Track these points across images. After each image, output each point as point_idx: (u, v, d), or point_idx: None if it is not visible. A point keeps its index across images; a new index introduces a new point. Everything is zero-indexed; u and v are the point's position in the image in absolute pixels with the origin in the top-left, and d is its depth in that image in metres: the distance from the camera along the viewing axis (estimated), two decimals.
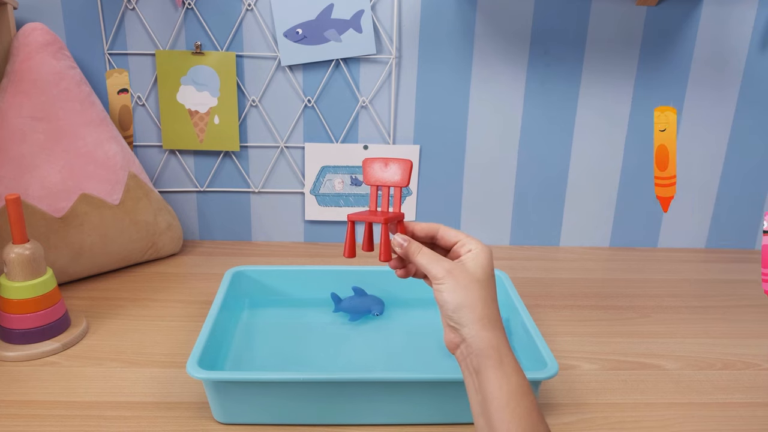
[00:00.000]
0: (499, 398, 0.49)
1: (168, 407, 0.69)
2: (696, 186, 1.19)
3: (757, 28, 1.09)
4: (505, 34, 1.08)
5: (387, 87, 1.10)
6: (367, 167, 0.59)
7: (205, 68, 1.06)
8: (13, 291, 0.77)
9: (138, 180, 1.02)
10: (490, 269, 0.55)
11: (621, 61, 1.10)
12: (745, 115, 1.14)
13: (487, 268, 0.54)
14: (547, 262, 1.14)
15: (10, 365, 0.76)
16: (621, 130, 1.15)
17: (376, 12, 1.06)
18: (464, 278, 0.52)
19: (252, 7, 1.05)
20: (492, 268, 0.55)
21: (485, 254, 0.55)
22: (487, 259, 0.55)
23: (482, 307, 0.52)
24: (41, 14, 1.03)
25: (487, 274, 0.54)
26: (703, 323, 0.92)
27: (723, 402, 0.73)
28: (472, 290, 0.52)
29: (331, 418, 0.67)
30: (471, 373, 0.52)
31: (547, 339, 0.84)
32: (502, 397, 0.49)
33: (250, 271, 0.90)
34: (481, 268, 0.54)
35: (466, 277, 0.53)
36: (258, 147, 1.13)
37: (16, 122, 0.91)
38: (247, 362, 0.77)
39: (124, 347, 0.81)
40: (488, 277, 0.54)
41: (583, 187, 1.18)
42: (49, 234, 0.92)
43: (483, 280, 0.53)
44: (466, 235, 0.57)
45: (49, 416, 0.67)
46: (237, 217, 1.17)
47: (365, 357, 0.80)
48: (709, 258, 1.19)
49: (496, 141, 1.15)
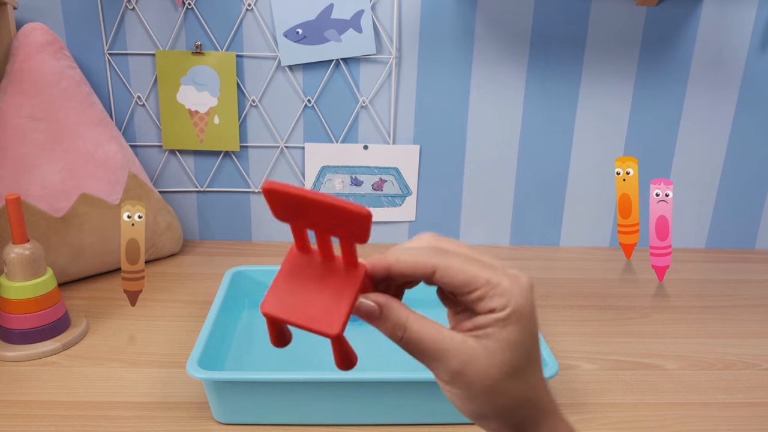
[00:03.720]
0: None
1: (168, 407, 0.69)
2: (696, 186, 1.19)
3: (757, 28, 1.09)
4: (505, 34, 1.08)
5: (387, 87, 1.10)
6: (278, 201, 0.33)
7: (205, 68, 1.06)
8: (13, 291, 0.77)
9: (138, 180, 1.02)
10: (530, 340, 0.34)
11: (621, 61, 1.10)
12: (745, 115, 1.14)
13: (524, 343, 0.33)
14: (547, 262, 1.14)
15: (10, 365, 0.76)
16: (621, 130, 1.15)
17: (376, 12, 1.06)
18: (485, 378, 0.33)
19: (252, 7, 1.05)
20: (534, 334, 0.35)
21: (519, 316, 0.33)
22: (525, 324, 0.33)
23: (519, 410, 0.35)
24: (41, 14, 1.03)
25: (524, 353, 0.34)
26: (703, 323, 0.92)
27: (723, 402, 0.73)
28: (500, 394, 0.34)
29: (330, 418, 0.67)
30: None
31: (547, 339, 0.84)
32: None
33: (250, 271, 0.90)
34: (517, 347, 0.33)
35: (488, 375, 0.33)
36: (258, 147, 1.13)
37: (16, 122, 0.91)
38: (247, 362, 0.77)
39: (124, 347, 0.81)
40: (526, 358, 0.34)
41: (583, 187, 1.18)
42: (49, 234, 0.92)
43: (519, 368, 0.34)
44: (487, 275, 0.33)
45: (49, 416, 0.67)
46: (237, 217, 1.17)
47: (365, 357, 0.79)
48: (709, 258, 1.19)
49: (496, 141, 1.15)
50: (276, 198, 0.32)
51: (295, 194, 0.31)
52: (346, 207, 0.31)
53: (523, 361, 0.34)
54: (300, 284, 0.35)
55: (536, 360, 0.35)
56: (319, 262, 0.35)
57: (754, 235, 1.23)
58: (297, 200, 0.32)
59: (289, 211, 0.33)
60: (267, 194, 0.32)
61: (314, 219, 0.33)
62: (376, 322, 0.35)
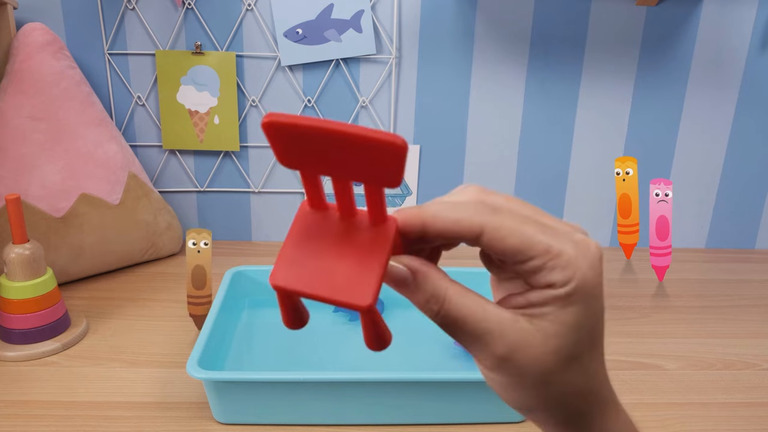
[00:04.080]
0: None
1: (168, 407, 0.69)
2: (696, 186, 1.19)
3: (757, 28, 1.09)
4: (505, 34, 1.08)
5: (387, 87, 1.10)
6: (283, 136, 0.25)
7: (205, 68, 1.06)
8: (13, 291, 0.77)
9: (138, 180, 1.02)
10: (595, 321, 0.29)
11: (621, 61, 1.10)
12: (745, 115, 1.14)
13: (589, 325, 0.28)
14: None
15: (10, 365, 0.76)
16: (621, 130, 1.15)
17: (376, 12, 1.06)
18: (537, 365, 0.28)
19: (252, 7, 1.05)
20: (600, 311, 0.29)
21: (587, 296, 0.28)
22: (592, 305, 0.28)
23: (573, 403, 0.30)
24: (41, 14, 1.03)
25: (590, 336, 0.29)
26: (703, 323, 0.92)
27: (723, 402, 0.73)
28: (554, 385, 0.29)
29: (331, 418, 0.67)
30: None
31: None
32: None
33: (250, 271, 0.90)
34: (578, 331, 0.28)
35: (541, 362, 0.28)
36: (258, 147, 1.13)
37: (16, 122, 0.91)
38: (247, 362, 0.77)
39: (124, 347, 0.81)
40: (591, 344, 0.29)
41: (583, 187, 1.18)
42: (49, 234, 0.92)
43: (578, 355, 0.28)
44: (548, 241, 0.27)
45: (49, 416, 0.67)
46: (237, 217, 1.17)
47: (365, 357, 0.80)
48: (709, 258, 1.19)
49: (496, 141, 1.15)
50: (280, 134, 0.25)
51: (305, 125, 0.24)
52: (374, 136, 0.24)
53: (584, 347, 0.28)
54: (316, 248, 0.27)
55: (599, 345, 0.30)
56: (337, 219, 0.28)
57: (754, 235, 1.23)
58: (308, 133, 0.24)
59: (298, 152, 0.25)
60: (268, 129, 0.25)
61: (330, 159, 0.25)
62: (408, 291, 0.29)
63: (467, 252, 0.51)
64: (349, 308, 0.27)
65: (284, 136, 0.25)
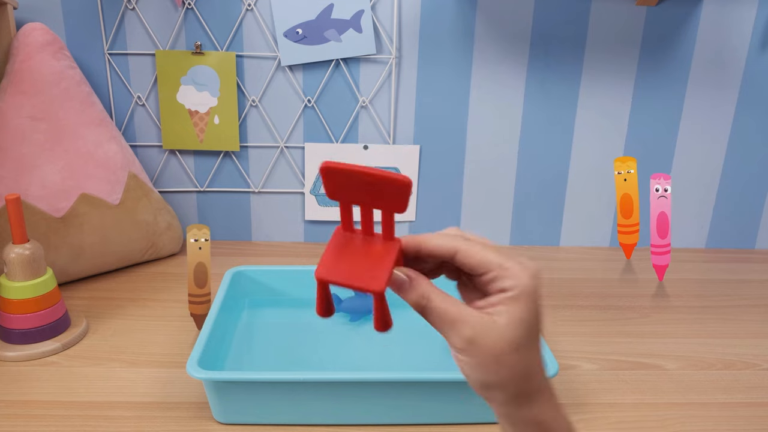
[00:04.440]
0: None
1: (168, 407, 0.69)
2: (696, 186, 1.19)
3: (757, 28, 1.09)
4: (505, 34, 1.08)
5: (387, 87, 1.10)
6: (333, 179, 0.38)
7: (205, 68, 1.06)
8: (13, 291, 0.77)
9: (138, 180, 1.02)
10: (534, 320, 0.38)
11: (621, 62, 1.10)
12: (745, 115, 1.14)
13: (529, 320, 0.38)
14: (547, 262, 1.14)
15: (10, 365, 0.76)
16: (621, 130, 1.15)
17: (376, 12, 1.06)
18: (494, 347, 0.37)
19: (252, 7, 1.05)
20: (538, 315, 0.39)
21: (527, 296, 0.38)
22: (531, 304, 0.38)
23: (520, 382, 0.38)
24: (41, 14, 1.03)
25: (529, 329, 0.38)
26: (703, 323, 0.92)
27: (723, 402, 0.73)
28: (506, 365, 0.38)
29: (331, 418, 0.67)
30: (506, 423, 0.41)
31: (547, 339, 0.84)
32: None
33: (250, 271, 0.90)
34: (521, 323, 0.37)
35: (497, 345, 0.37)
36: (258, 147, 1.13)
37: (16, 122, 0.91)
38: (247, 362, 0.77)
39: (124, 347, 0.81)
40: (530, 336, 0.38)
41: (583, 187, 1.18)
42: (49, 234, 0.92)
43: (523, 343, 0.37)
44: (501, 259, 0.38)
45: (49, 416, 0.67)
46: (237, 217, 1.17)
47: (365, 357, 0.80)
48: (709, 258, 1.19)
49: (496, 141, 1.15)
50: (333, 176, 0.37)
51: (348, 170, 0.36)
52: (389, 176, 0.36)
53: (527, 338, 0.38)
54: (346, 255, 0.39)
55: (538, 339, 0.39)
56: (361, 238, 0.40)
57: (754, 235, 1.23)
58: (349, 175, 0.37)
59: (341, 188, 0.38)
60: (326, 173, 0.37)
61: (361, 192, 0.37)
62: (405, 292, 0.40)
63: None
64: (367, 292, 0.38)
65: (335, 177, 0.37)
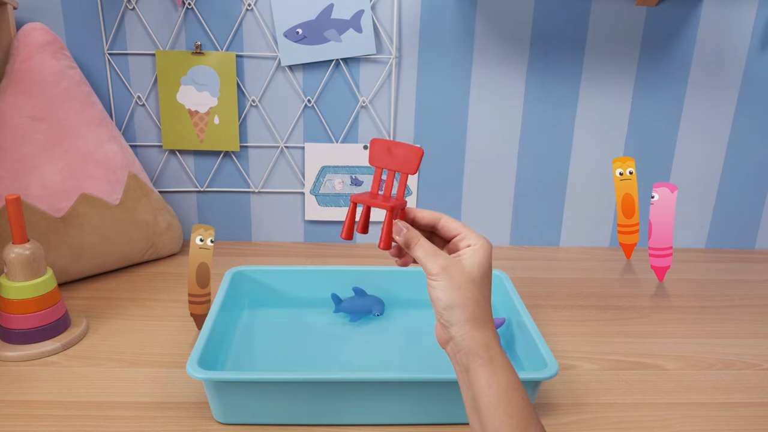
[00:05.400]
0: (489, 396, 0.50)
1: (168, 407, 0.69)
2: (696, 186, 1.19)
3: (757, 28, 1.09)
4: (505, 34, 1.08)
5: (387, 87, 1.10)
6: (375, 148, 0.58)
7: (205, 68, 1.06)
8: (13, 291, 0.77)
9: (138, 180, 1.02)
10: (487, 267, 0.54)
11: (621, 62, 1.10)
12: (745, 115, 1.14)
13: (483, 266, 0.53)
14: (547, 262, 1.14)
15: (10, 365, 0.76)
16: (621, 130, 1.15)
17: (376, 12, 1.06)
18: (459, 277, 0.52)
19: (252, 7, 1.05)
20: (490, 266, 0.54)
21: (484, 251, 0.54)
22: (486, 257, 0.54)
23: (474, 307, 0.52)
24: (41, 14, 1.03)
25: (483, 272, 0.53)
26: (703, 323, 0.92)
27: (723, 402, 0.73)
28: (466, 290, 0.52)
29: (331, 418, 0.67)
30: (461, 370, 0.52)
31: (547, 339, 0.84)
32: (492, 395, 0.50)
33: (250, 271, 0.90)
34: (478, 266, 0.53)
35: (462, 276, 0.52)
36: (258, 147, 1.13)
37: (16, 122, 0.91)
38: (247, 362, 0.77)
39: (124, 347, 0.81)
40: (484, 276, 0.53)
41: (583, 187, 1.18)
42: (49, 234, 0.92)
43: (478, 279, 0.53)
44: (468, 229, 0.56)
45: (49, 416, 0.67)
46: (237, 217, 1.17)
47: (365, 357, 0.80)
48: (709, 258, 1.19)
49: (496, 141, 1.15)
50: (377, 145, 0.58)
51: (384, 141, 0.58)
52: (408, 144, 0.57)
53: (480, 277, 0.53)
54: (372, 197, 0.58)
55: (487, 283, 0.54)
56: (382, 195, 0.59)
57: (754, 235, 1.23)
58: (385, 145, 0.58)
59: (379, 155, 0.58)
60: (373, 143, 0.59)
61: (392, 157, 0.58)
62: (401, 236, 0.56)
63: None
64: (383, 209, 0.56)
65: (378, 146, 0.58)
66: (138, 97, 1.09)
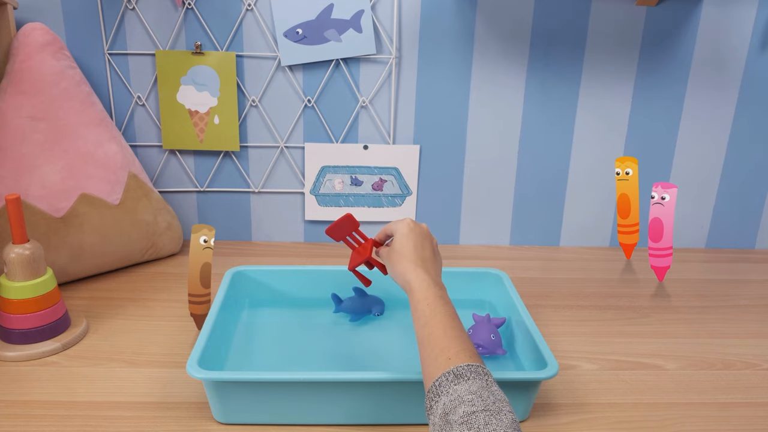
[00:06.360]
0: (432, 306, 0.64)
1: (168, 407, 0.69)
2: (696, 186, 1.19)
3: (757, 28, 1.09)
4: (505, 35, 1.08)
5: (387, 87, 1.10)
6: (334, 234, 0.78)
7: (205, 68, 1.06)
8: (13, 291, 0.77)
9: (138, 180, 1.02)
10: (407, 241, 0.70)
11: (621, 62, 1.10)
12: (745, 115, 1.14)
13: (406, 243, 0.70)
14: (547, 262, 1.14)
15: (10, 365, 0.76)
16: (621, 130, 1.15)
17: (376, 12, 1.06)
18: (392, 258, 0.70)
19: (252, 7, 1.05)
20: (412, 238, 0.70)
21: (402, 235, 0.71)
22: (405, 238, 0.70)
23: (406, 273, 0.67)
24: (41, 14, 1.03)
25: (408, 247, 0.69)
26: (704, 323, 0.92)
27: (723, 402, 0.73)
28: (399, 263, 0.69)
29: (330, 418, 0.67)
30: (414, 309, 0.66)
31: (547, 339, 0.84)
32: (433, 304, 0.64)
33: (250, 271, 0.90)
34: (401, 245, 0.70)
35: (393, 257, 0.70)
36: (258, 147, 1.13)
37: (16, 122, 0.91)
38: (247, 362, 0.77)
39: (124, 347, 0.81)
40: (411, 249, 0.69)
41: (583, 187, 1.18)
42: (49, 234, 0.92)
43: (407, 253, 0.69)
44: (394, 224, 0.74)
45: (49, 416, 0.67)
46: (237, 217, 1.17)
47: (365, 357, 0.80)
48: (709, 258, 1.19)
49: (496, 141, 1.15)
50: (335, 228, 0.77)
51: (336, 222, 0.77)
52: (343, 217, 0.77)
53: (410, 252, 0.69)
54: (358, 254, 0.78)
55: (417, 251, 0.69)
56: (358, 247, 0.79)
57: (754, 235, 1.23)
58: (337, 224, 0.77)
59: (337, 233, 0.78)
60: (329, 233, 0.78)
61: (344, 231, 0.78)
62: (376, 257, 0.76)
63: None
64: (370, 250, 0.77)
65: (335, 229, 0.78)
66: (138, 97, 1.09)
